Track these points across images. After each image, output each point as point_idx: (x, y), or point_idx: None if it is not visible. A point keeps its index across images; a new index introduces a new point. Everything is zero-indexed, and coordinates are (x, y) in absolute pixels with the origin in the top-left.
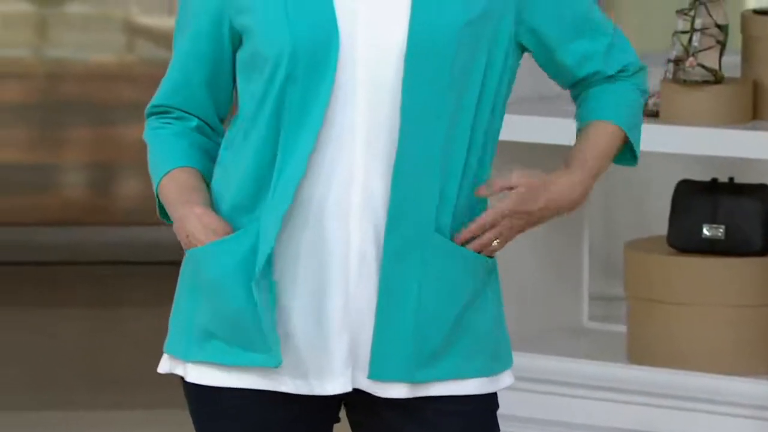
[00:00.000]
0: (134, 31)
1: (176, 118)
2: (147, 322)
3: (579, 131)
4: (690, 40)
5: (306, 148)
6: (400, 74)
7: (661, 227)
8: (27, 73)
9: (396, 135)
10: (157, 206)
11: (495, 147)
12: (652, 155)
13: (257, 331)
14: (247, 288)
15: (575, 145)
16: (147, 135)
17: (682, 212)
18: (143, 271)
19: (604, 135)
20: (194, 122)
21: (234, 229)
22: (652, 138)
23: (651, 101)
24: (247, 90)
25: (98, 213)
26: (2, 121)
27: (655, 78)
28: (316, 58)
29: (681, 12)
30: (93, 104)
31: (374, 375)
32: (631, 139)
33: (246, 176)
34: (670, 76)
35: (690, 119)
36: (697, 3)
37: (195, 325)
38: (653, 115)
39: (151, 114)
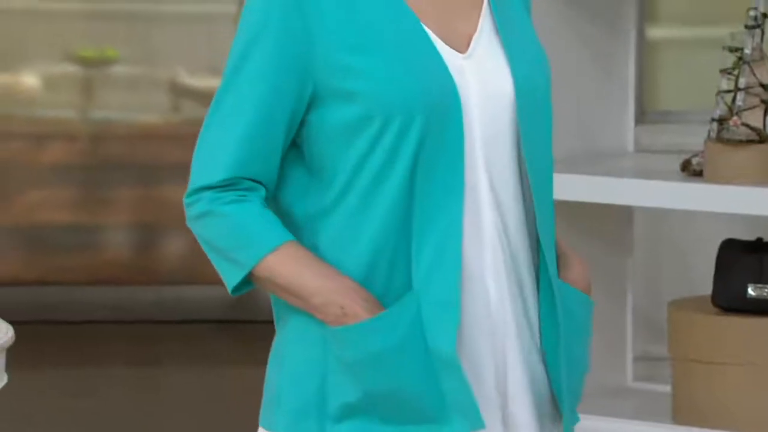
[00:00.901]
0: (180, 92)
1: (248, 189)
2: (191, 381)
3: None
4: (734, 99)
5: (458, 212)
6: (510, 127)
7: (706, 286)
8: (72, 133)
9: (513, 188)
10: (234, 282)
11: None
12: (696, 214)
13: (435, 403)
14: (421, 361)
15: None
16: (221, 209)
17: (727, 272)
18: (187, 330)
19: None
20: (263, 191)
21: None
22: (696, 197)
23: (695, 160)
24: (348, 156)
25: (142, 272)
26: (47, 181)
27: (698, 137)
28: (444, 117)
29: (725, 71)
30: (138, 165)
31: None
32: None
33: (376, 245)
34: (713, 135)
35: (734, 178)
36: (741, 62)
37: (330, 402)
38: (697, 174)
39: (211, 188)
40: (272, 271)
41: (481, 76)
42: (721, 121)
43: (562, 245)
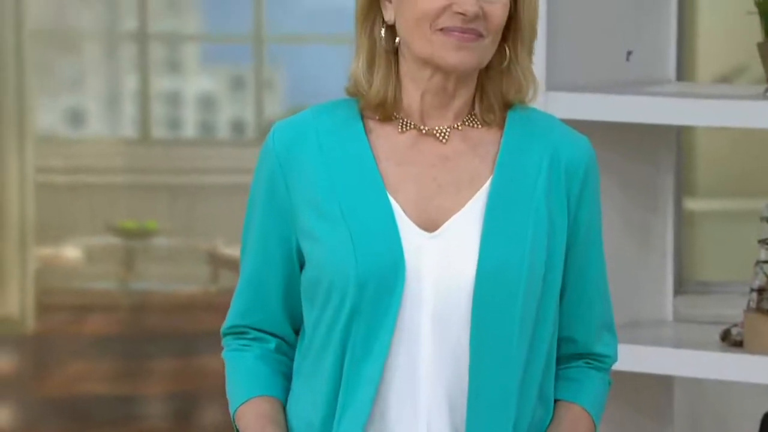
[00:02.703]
0: (218, 262)
1: (254, 339)
2: None
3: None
4: None
5: (369, 391)
6: (468, 311)
7: None
8: (113, 305)
9: (462, 374)
10: (234, 430)
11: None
12: (737, 386)
13: None
14: None
15: (552, 425)
16: (226, 356)
17: None
18: None
19: (583, 425)
20: (273, 343)
21: None
22: (736, 369)
23: (734, 330)
24: (311, 315)
25: None
26: (88, 353)
27: (738, 308)
28: (380, 292)
29: (763, 242)
30: (177, 335)
31: None
32: None
33: (315, 410)
34: (753, 305)
35: None
36: None
37: None
38: (737, 344)
39: (227, 334)
40: (239, 422)
41: (444, 257)
42: (761, 291)
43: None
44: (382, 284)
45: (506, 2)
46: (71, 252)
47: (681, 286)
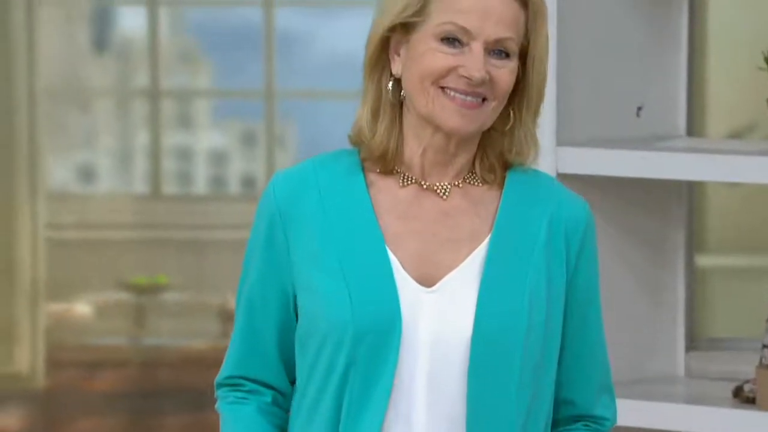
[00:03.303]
0: (229, 317)
1: (250, 392)
2: None
3: None
4: None
5: None
6: (464, 368)
7: None
8: (123, 361)
9: (459, 428)
10: None
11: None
12: None
13: None
14: None
15: None
16: (223, 408)
17: None
18: None
19: None
20: (269, 396)
21: None
22: (749, 425)
23: (747, 387)
24: (304, 366)
25: None
26: (98, 409)
27: (750, 364)
28: (377, 344)
29: None
30: (187, 390)
31: None
32: None
33: None
34: (766, 362)
35: None
36: None
37: None
38: (749, 401)
39: (223, 385)
40: None
41: (441, 313)
42: None
43: None
44: (379, 337)
45: (514, 67)
46: (82, 308)
47: (693, 342)
